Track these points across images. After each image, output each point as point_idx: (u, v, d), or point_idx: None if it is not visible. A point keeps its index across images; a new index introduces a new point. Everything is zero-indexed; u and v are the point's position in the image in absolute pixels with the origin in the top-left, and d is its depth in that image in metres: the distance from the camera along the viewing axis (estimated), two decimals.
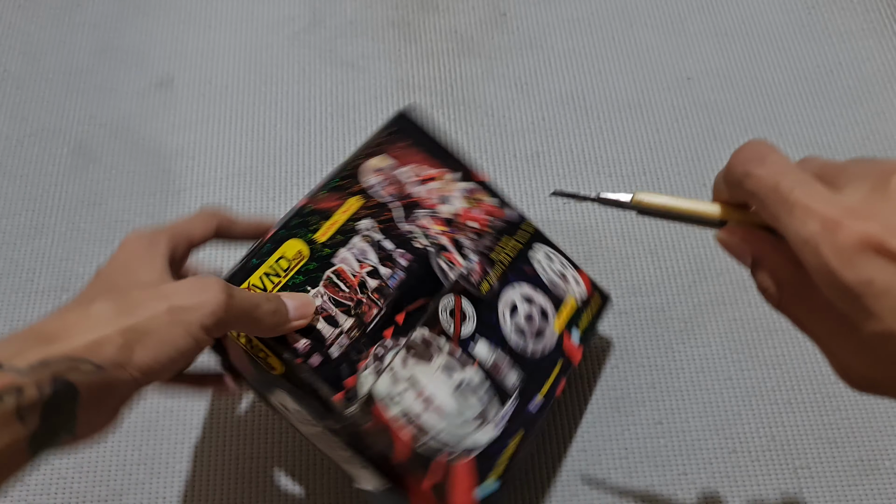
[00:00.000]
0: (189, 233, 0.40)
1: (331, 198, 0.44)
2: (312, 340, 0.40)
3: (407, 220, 0.46)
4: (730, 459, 0.51)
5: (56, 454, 0.32)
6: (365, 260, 0.43)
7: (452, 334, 0.44)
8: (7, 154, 0.64)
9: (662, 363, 0.55)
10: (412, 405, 0.41)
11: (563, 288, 0.49)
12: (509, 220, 0.49)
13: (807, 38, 0.69)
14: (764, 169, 0.27)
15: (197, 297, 0.32)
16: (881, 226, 0.23)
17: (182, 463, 0.52)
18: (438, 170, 0.48)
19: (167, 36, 0.70)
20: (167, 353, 0.31)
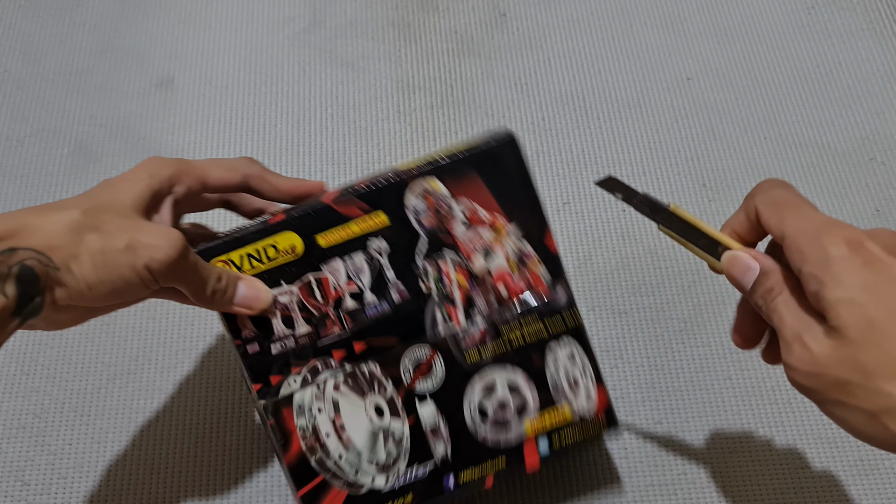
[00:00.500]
0: (204, 173, 0.40)
1: (357, 205, 0.41)
2: (259, 330, 0.41)
3: (427, 257, 0.42)
4: (730, 459, 0.51)
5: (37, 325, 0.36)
6: (356, 279, 0.42)
7: (405, 384, 0.42)
8: (7, 154, 0.64)
9: (662, 363, 0.55)
10: (323, 424, 0.42)
11: (566, 395, 0.44)
12: (551, 304, 0.44)
13: (807, 38, 0.69)
14: (784, 188, 0.34)
15: (155, 240, 0.35)
16: (864, 235, 0.30)
17: (182, 463, 0.52)
18: (499, 217, 0.43)
19: (167, 36, 0.70)
20: (110, 276, 0.34)
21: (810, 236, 0.30)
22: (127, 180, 0.37)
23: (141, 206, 0.36)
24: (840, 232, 0.30)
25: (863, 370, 0.28)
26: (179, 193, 0.39)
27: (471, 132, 0.65)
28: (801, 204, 0.33)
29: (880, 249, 0.29)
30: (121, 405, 0.54)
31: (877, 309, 0.28)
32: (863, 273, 0.29)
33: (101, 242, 0.34)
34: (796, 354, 0.30)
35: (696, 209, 0.61)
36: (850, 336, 0.29)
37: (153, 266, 0.34)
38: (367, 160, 0.64)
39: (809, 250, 0.30)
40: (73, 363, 0.55)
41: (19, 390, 0.54)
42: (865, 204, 0.61)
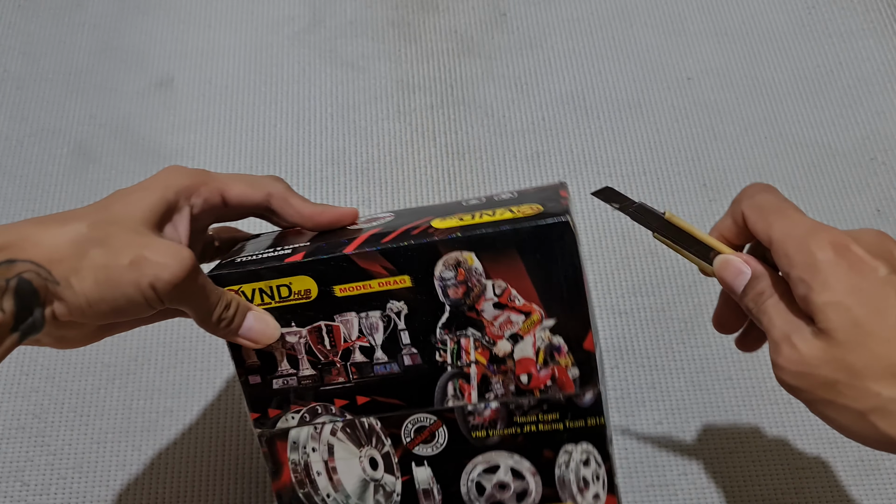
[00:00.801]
0: (225, 187, 0.38)
1: (381, 262, 0.38)
2: (263, 363, 0.40)
3: (448, 328, 0.39)
4: (730, 459, 0.51)
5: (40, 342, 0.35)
6: (368, 336, 0.39)
7: (404, 444, 0.41)
8: (7, 154, 0.64)
9: (662, 363, 0.55)
10: (315, 463, 0.42)
11: (571, 493, 0.41)
12: (575, 403, 0.39)
13: (807, 37, 0.69)
14: (769, 192, 0.34)
15: (162, 257, 0.33)
16: (849, 238, 0.30)
17: (182, 463, 0.52)
18: (533, 304, 0.38)
19: (167, 36, 0.70)
20: (112, 293, 0.32)
21: (797, 241, 0.31)
22: (141, 191, 0.36)
23: (153, 220, 0.35)
24: (826, 236, 0.31)
25: (850, 370, 0.29)
26: (197, 207, 0.38)
27: (471, 132, 0.65)
28: (786, 208, 0.33)
29: (865, 252, 0.30)
30: (120, 405, 0.54)
31: (863, 311, 0.29)
32: (849, 276, 0.30)
33: (105, 258, 0.32)
34: (785, 355, 0.31)
35: (697, 209, 0.60)
36: (837, 338, 0.29)
37: (158, 285, 0.33)
38: (367, 160, 0.64)
39: (797, 255, 0.31)
40: (73, 363, 0.55)
41: (19, 390, 0.54)
42: (866, 204, 0.60)
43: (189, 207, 0.37)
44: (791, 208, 0.33)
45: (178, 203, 0.37)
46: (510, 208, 0.39)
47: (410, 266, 0.38)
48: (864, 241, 0.31)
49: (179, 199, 0.37)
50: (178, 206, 0.37)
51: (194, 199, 0.37)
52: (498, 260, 0.37)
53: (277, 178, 0.41)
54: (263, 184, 0.40)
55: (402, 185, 0.62)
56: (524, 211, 0.38)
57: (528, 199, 0.40)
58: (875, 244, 0.31)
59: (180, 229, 0.37)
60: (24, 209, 0.61)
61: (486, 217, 0.38)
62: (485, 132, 0.65)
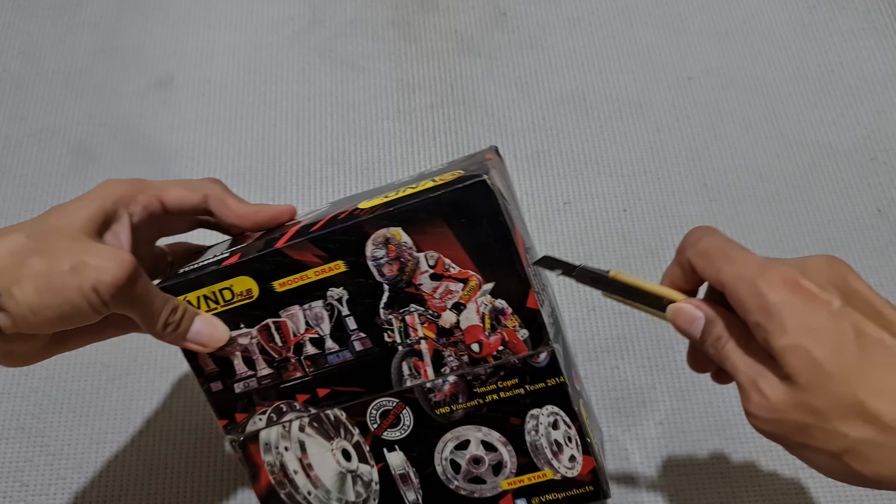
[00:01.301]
0: (162, 193, 0.38)
1: (313, 251, 0.38)
2: (221, 369, 0.40)
3: (390, 308, 0.39)
4: (731, 459, 0.51)
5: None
6: (316, 327, 0.39)
7: (372, 431, 0.41)
8: (7, 154, 0.64)
9: (662, 363, 0.55)
10: (290, 462, 0.42)
11: (547, 459, 0.41)
12: (531, 365, 0.39)
13: (808, 37, 0.69)
14: (711, 237, 0.34)
15: (102, 261, 0.33)
16: (797, 272, 0.30)
17: (182, 463, 0.52)
18: (469, 271, 0.37)
19: (167, 35, 0.70)
20: (55, 300, 0.32)
21: (747, 283, 0.30)
22: (78, 202, 0.36)
23: (92, 228, 0.35)
24: (775, 274, 0.30)
25: (817, 414, 0.29)
26: (137, 214, 0.38)
27: (471, 132, 0.64)
28: (731, 249, 0.32)
29: (816, 285, 0.30)
30: (120, 406, 0.54)
31: (821, 351, 0.28)
32: (803, 314, 0.29)
33: (44, 265, 0.32)
34: (754, 402, 0.31)
35: (697, 209, 0.60)
36: (800, 382, 0.29)
37: (100, 288, 0.33)
38: (367, 160, 0.63)
39: (749, 299, 0.30)
40: (72, 364, 0.55)
41: (18, 391, 0.54)
42: (867, 204, 0.60)
43: (128, 215, 0.37)
44: (735, 249, 0.32)
45: (117, 211, 0.37)
46: (433, 178, 0.38)
47: (341, 250, 0.37)
48: (815, 273, 0.30)
49: (118, 208, 0.37)
50: (116, 215, 0.37)
51: (133, 206, 0.37)
52: (425, 230, 0.37)
53: (215, 181, 0.41)
54: (200, 186, 0.40)
55: None
56: (445, 178, 0.37)
57: (453, 167, 0.40)
58: (826, 273, 0.30)
59: (121, 238, 0.37)
60: (24, 209, 0.61)
61: (409, 190, 0.38)
62: (485, 132, 0.65)
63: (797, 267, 0.30)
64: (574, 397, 0.40)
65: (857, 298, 0.30)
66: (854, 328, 0.29)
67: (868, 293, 0.30)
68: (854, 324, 0.29)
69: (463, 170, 0.38)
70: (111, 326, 0.38)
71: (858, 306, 0.29)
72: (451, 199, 0.36)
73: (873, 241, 0.59)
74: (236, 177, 0.63)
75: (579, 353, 0.55)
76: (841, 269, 0.31)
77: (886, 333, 0.29)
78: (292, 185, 0.62)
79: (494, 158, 0.41)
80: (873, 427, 0.28)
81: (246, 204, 0.41)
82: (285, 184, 0.62)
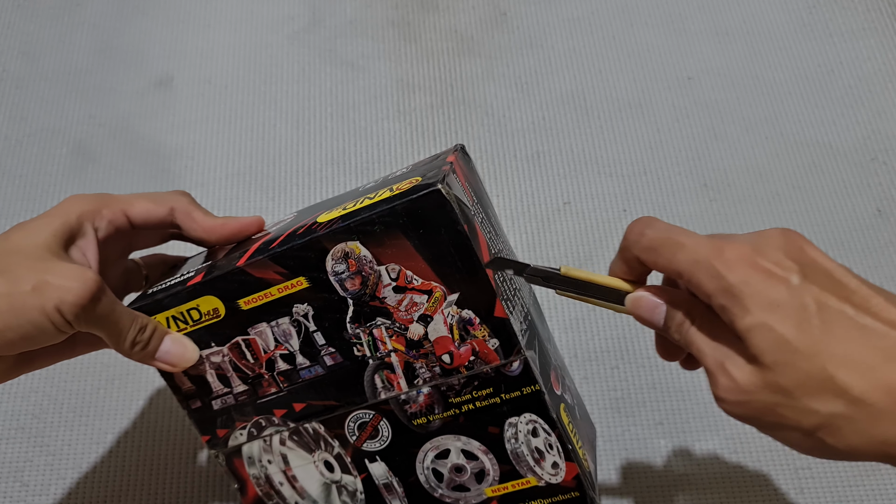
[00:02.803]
0: (127, 206, 0.38)
1: (273, 269, 0.37)
2: (197, 387, 0.40)
3: (356, 322, 0.38)
4: (731, 460, 0.51)
5: None
6: (285, 343, 0.39)
7: (352, 443, 0.41)
8: (6, 154, 0.64)
9: (662, 363, 0.55)
10: (275, 474, 0.42)
11: (529, 466, 0.40)
12: (505, 374, 0.38)
13: (808, 37, 0.69)
14: (652, 229, 0.33)
15: (67, 280, 0.32)
16: (753, 249, 0.29)
17: (182, 463, 0.52)
18: (432, 282, 0.36)
19: (166, 35, 0.70)
20: (17, 321, 0.32)
21: (704, 268, 0.30)
22: (41, 219, 0.35)
23: (56, 245, 0.34)
24: (731, 254, 0.29)
25: (786, 392, 0.28)
26: (103, 229, 0.37)
27: (471, 132, 0.64)
28: (678, 236, 0.31)
29: (773, 262, 0.29)
30: (120, 406, 0.54)
31: (785, 327, 0.28)
32: (764, 292, 0.28)
33: (5, 286, 0.31)
34: (722, 385, 0.30)
35: (697, 209, 0.60)
36: (766, 361, 0.28)
37: (64, 308, 0.32)
38: (367, 160, 0.63)
39: (710, 283, 0.30)
40: (72, 364, 0.55)
41: (18, 391, 0.54)
42: (867, 204, 0.60)
43: (94, 231, 0.37)
44: (683, 234, 0.32)
45: (82, 227, 0.36)
46: (391, 187, 0.37)
47: (302, 267, 0.36)
48: (771, 248, 0.30)
49: (83, 223, 0.36)
50: (81, 230, 0.36)
51: (98, 221, 0.37)
52: (383, 243, 0.35)
53: (183, 193, 0.40)
54: (166, 199, 0.39)
55: None
56: (402, 187, 0.36)
57: (414, 172, 0.39)
58: (783, 247, 0.30)
59: (88, 253, 0.36)
60: (24, 209, 0.61)
61: (366, 202, 0.36)
62: (485, 132, 0.65)
63: (751, 244, 0.30)
64: (552, 404, 0.39)
65: (816, 270, 0.29)
66: (815, 302, 0.28)
67: (826, 263, 0.29)
68: (815, 297, 0.28)
69: (421, 176, 0.36)
70: (80, 344, 0.38)
71: (818, 278, 0.29)
72: (406, 210, 0.34)
73: (873, 241, 0.59)
74: (236, 177, 0.63)
75: (578, 353, 0.55)
76: (797, 241, 0.30)
77: (848, 305, 0.28)
78: (292, 185, 0.62)
79: (457, 160, 0.39)
80: (843, 400, 0.27)
81: (212, 217, 0.40)
82: (285, 184, 0.62)
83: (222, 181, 0.62)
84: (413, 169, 0.40)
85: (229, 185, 0.62)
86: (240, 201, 0.62)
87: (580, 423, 0.44)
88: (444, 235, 0.35)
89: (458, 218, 0.34)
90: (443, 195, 0.33)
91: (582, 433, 0.43)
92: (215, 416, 0.41)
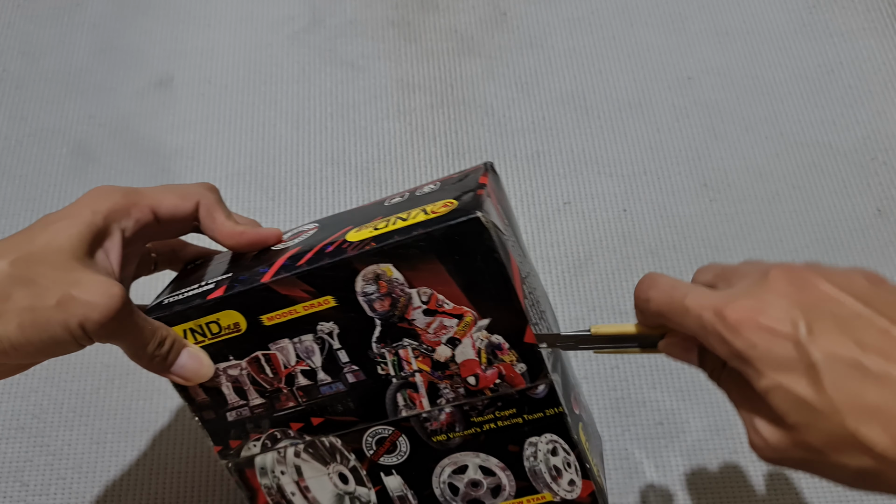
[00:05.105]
0: (156, 203, 0.37)
1: (301, 287, 0.36)
2: (212, 399, 0.40)
3: (383, 342, 0.37)
4: (730, 460, 0.51)
5: None
6: (307, 359, 0.38)
7: (368, 457, 0.41)
8: (6, 154, 0.64)
9: (663, 363, 0.55)
10: (287, 485, 0.41)
11: (546, 482, 0.40)
12: (529, 396, 0.38)
13: (808, 37, 0.69)
14: (656, 291, 0.32)
15: (91, 296, 0.32)
16: (754, 307, 0.28)
17: (182, 463, 0.52)
18: (463, 307, 0.36)
19: (166, 35, 0.70)
20: (39, 336, 0.31)
21: (712, 334, 0.29)
22: (66, 218, 0.34)
23: (80, 250, 0.33)
24: (733, 316, 0.28)
25: (815, 450, 0.28)
26: (129, 229, 0.36)
27: (471, 132, 0.64)
28: (681, 299, 0.30)
29: (776, 317, 0.28)
30: (120, 406, 0.54)
31: (800, 387, 0.27)
32: (772, 353, 0.28)
33: (29, 299, 0.31)
34: (755, 442, 0.30)
35: (697, 209, 0.60)
36: (790, 422, 0.28)
37: (87, 325, 0.31)
38: (367, 160, 0.63)
39: (720, 348, 0.29)
40: (72, 364, 0.55)
41: (18, 391, 0.54)
42: (867, 204, 0.60)
43: (120, 231, 0.35)
44: (685, 295, 0.30)
45: (108, 228, 0.35)
46: (424, 208, 0.36)
47: (330, 286, 0.36)
48: (775, 297, 0.28)
49: (109, 224, 0.35)
50: (108, 232, 0.35)
51: (125, 221, 0.36)
52: (417, 267, 0.35)
53: (210, 188, 0.39)
54: (193, 193, 0.38)
55: (403, 185, 0.62)
56: (437, 210, 0.35)
57: (445, 192, 0.38)
58: (788, 293, 0.28)
59: (112, 255, 0.35)
60: (24, 209, 0.61)
61: (399, 223, 0.36)
62: (485, 132, 0.65)
63: (754, 298, 0.29)
64: (573, 424, 0.40)
65: (825, 311, 0.28)
66: (825, 355, 0.27)
67: (836, 294, 0.28)
68: (824, 350, 0.27)
69: (456, 198, 0.36)
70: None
71: (826, 323, 0.27)
72: (444, 236, 0.34)
73: (873, 241, 0.59)
74: (236, 177, 0.63)
75: (578, 353, 0.55)
76: (803, 279, 0.29)
77: (858, 349, 0.27)
78: (292, 185, 0.62)
79: (489, 182, 0.39)
80: (869, 456, 0.26)
81: (232, 223, 0.39)
82: (285, 184, 0.62)
83: (222, 181, 0.62)
84: (442, 187, 0.39)
85: (229, 185, 0.62)
86: (240, 201, 0.62)
87: (591, 437, 0.45)
88: (479, 262, 0.34)
89: (495, 246, 0.34)
90: (482, 223, 0.33)
91: (593, 447, 0.44)
92: (229, 427, 0.40)
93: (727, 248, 0.59)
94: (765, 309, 0.28)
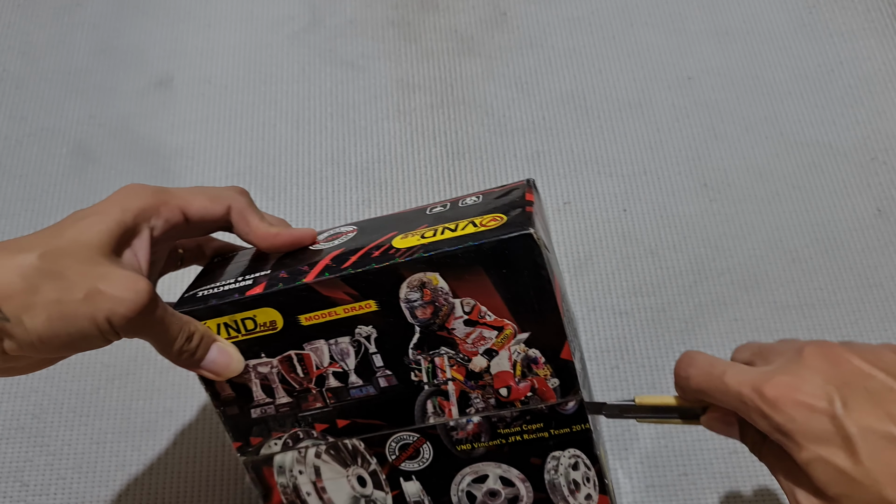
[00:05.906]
0: (186, 204, 0.37)
1: (344, 289, 0.36)
2: (238, 395, 0.39)
3: (419, 349, 0.38)
4: (730, 460, 0.51)
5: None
6: (340, 361, 0.38)
7: (390, 462, 0.41)
8: (6, 154, 0.64)
9: (662, 363, 0.55)
10: (304, 484, 0.41)
11: (563, 495, 0.41)
12: (558, 412, 0.39)
13: (808, 37, 0.69)
14: (695, 369, 0.34)
15: (119, 290, 0.32)
16: (791, 383, 0.30)
17: (182, 463, 0.52)
18: (505, 319, 0.37)
19: (166, 35, 0.70)
20: (66, 329, 0.31)
21: (752, 409, 0.31)
22: (96, 215, 0.34)
23: (109, 246, 0.33)
24: (771, 392, 0.30)
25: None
26: (158, 228, 0.36)
27: (471, 132, 0.64)
28: (720, 377, 0.32)
29: (812, 393, 0.29)
30: (120, 406, 0.54)
31: (840, 459, 0.28)
32: (811, 428, 0.29)
33: (58, 292, 0.31)
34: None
35: (697, 209, 0.60)
36: (830, 493, 0.29)
37: (115, 319, 0.32)
38: (367, 160, 0.63)
39: (760, 423, 0.30)
40: (72, 364, 0.55)
41: (18, 391, 0.54)
42: (867, 204, 0.60)
43: (149, 230, 0.35)
44: (723, 373, 0.32)
45: (138, 226, 0.35)
46: (473, 220, 0.37)
47: (374, 291, 0.36)
48: (811, 374, 0.30)
49: (139, 223, 0.35)
50: (137, 230, 0.35)
51: (154, 220, 0.36)
52: (463, 278, 0.36)
53: (241, 191, 0.39)
54: (224, 197, 0.38)
55: (402, 185, 0.62)
56: (486, 223, 0.36)
57: (491, 206, 0.39)
58: (822, 369, 0.30)
59: (140, 254, 0.35)
60: (24, 209, 0.61)
61: (447, 233, 0.36)
62: (485, 132, 0.65)
63: (791, 375, 0.30)
64: (597, 441, 0.40)
65: (858, 386, 0.29)
66: (861, 429, 0.28)
67: (870, 370, 0.29)
68: (860, 424, 0.28)
69: (504, 214, 0.37)
70: None
71: (859, 398, 0.29)
72: (494, 250, 0.35)
73: (873, 241, 0.59)
74: (236, 177, 0.63)
75: (583, 345, 0.55)
76: (835, 356, 0.30)
77: (891, 422, 0.28)
78: (292, 185, 0.62)
79: (535, 199, 0.39)
80: None
81: (266, 224, 0.39)
82: (285, 184, 0.62)
83: (222, 181, 0.62)
84: (485, 200, 0.40)
85: (229, 184, 0.62)
86: None
87: (602, 442, 0.45)
88: (526, 277, 0.35)
89: (543, 263, 0.35)
90: (534, 240, 0.34)
91: (603, 450, 0.44)
92: (251, 424, 0.40)
93: (727, 248, 0.59)
94: (801, 385, 0.30)
